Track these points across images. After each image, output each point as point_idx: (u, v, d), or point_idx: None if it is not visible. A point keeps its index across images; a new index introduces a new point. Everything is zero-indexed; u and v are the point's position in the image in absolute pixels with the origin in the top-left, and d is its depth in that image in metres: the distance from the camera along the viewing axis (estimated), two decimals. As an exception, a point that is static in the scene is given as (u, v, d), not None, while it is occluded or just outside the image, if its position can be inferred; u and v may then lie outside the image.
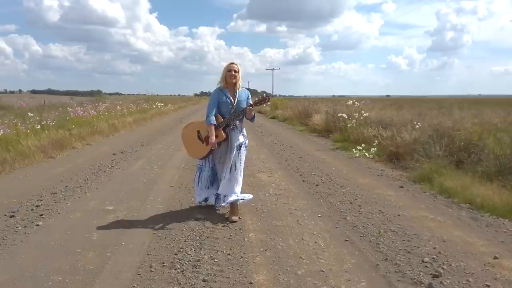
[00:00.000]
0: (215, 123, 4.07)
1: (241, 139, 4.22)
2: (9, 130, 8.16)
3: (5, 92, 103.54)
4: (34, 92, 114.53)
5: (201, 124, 4.27)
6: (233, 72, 4.10)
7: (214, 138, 4.05)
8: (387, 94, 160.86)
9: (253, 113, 4.14)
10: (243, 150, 4.25)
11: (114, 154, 8.37)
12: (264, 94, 4.11)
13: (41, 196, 4.94)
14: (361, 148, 8.74)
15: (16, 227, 3.85)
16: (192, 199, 4.78)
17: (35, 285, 2.71)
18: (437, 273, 2.86)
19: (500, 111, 10.93)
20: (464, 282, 2.78)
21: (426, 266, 3.02)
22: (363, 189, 5.58)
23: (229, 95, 4.15)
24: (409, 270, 2.96)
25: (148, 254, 3.24)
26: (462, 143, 6.89)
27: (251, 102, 4.19)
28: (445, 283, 2.76)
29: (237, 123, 4.20)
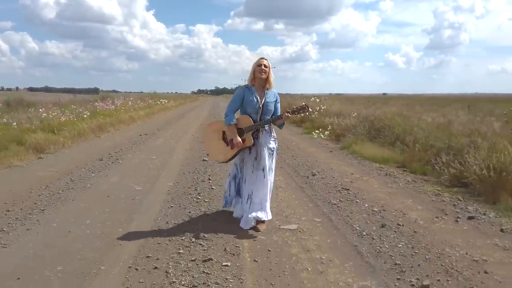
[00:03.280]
0: (235, 123, 3.83)
1: (271, 143, 3.97)
2: (65, 118, 11.49)
3: (2, 89, 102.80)
4: (31, 89, 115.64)
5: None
6: (263, 67, 3.82)
7: (238, 138, 3.79)
8: (384, 92, 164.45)
9: None
10: (275, 156, 4.05)
11: (140, 135, 11.71)
12: (304, 103, 3.96)
13: (109, 153, 8.28)
14: (318, 131, 12.17)
15: (107, 163, 7.21)
16: (204, 153, 8.16)
17: (134, 179, 6.05)
18: (314, 174, 6.30)
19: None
20: (324, 176, 6.22)
21: (312, 172, 6.46)
22: (306, 152, 8.97)
23: (256, 94, 3.86)
24: (302, 173, 6.43)
25: (181, 170, 6.64)
26: (379, 125, 10.35)
27: (288, 110, 3.95)
28: (315, 175, 6.22)
29: (266, 127, 3.93)
